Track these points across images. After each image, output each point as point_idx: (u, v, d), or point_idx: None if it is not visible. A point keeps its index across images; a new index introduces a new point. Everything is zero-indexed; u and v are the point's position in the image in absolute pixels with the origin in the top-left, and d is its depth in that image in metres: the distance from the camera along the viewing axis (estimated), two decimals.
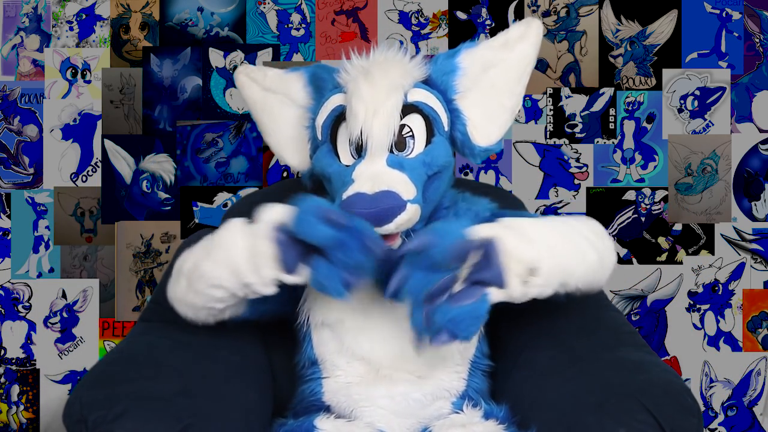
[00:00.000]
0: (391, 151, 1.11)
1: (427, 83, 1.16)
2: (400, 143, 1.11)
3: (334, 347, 1.16)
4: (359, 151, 1.10)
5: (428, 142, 1.13)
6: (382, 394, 1.13)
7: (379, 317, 1.14)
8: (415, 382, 1.14)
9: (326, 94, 1.18)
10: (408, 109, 1.12)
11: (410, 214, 1.06)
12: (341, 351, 1.16)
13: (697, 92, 2.02)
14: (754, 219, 2.03)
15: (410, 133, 1.12)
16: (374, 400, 1.13)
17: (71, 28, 2.05)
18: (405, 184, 1.07)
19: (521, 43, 1.19)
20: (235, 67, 2.02)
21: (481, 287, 0.98)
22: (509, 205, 1.39)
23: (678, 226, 2.03)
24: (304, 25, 2.04)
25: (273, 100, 1.29)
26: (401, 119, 1.10)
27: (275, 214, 1.00)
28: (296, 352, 1.22)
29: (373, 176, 1.06)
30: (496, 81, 1.18)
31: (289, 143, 1.29)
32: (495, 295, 0.99)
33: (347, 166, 1.11)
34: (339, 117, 1.13)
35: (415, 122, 1.12)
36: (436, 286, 0.97)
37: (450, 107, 1.17)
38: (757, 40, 2.02)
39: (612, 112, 2.02)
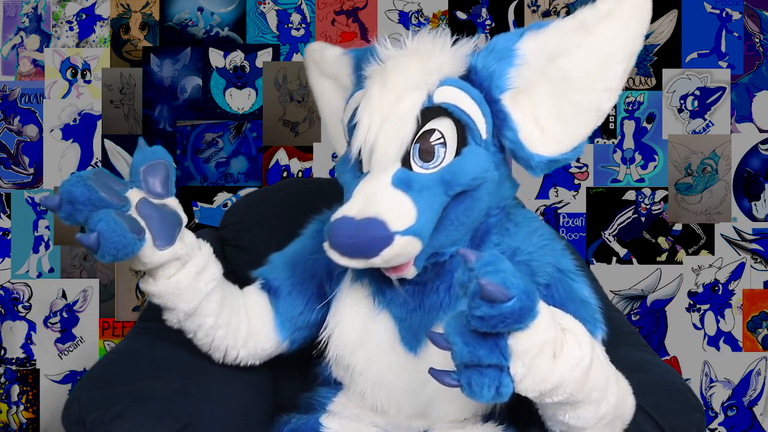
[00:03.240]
0: (408, 165, 0.94)
1: (470, 76, 0.97)
2: (426, 152, 0.94)
3: (352, 391, 1.09)
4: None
5: (457, 153, 0.94)
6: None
7: (398, 370, 1.05)
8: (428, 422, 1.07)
9: (353, 89, 1.04)
10: (435, 111, 0.94)
11: (399, 249, 0.89)
12: (358, 398, 1.09)
13: (697, 92, 2.02)
14: (754, 219, 2.02)
15: (441, 140, 0.94)
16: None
17: (71, 28, 2.05)
18: (400, 210, 0.90)
19: (606, 22, 0.93)
20: (235, 68, 2.02)
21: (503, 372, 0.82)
22: None
23: (678, 226, 2.03)
24: (304, 25, 2.04)
25: (326, 86, 1.18)
26: (427, 123, 0.94)
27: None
28: (311, 361, 1.17)
29: (367, 197, 0.91)
30: (568, 73, 0.94)
31: (338, 136, 1.15)
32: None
33: (358, 172, 0.98)
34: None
35: (446, 127, 0.94)
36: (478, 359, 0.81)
37: (495, 108, 0.96)
38: (757, 40, 2.02)
39: (612, 112, 2.02)
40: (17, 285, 2.06)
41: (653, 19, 2.01)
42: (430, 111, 0.94)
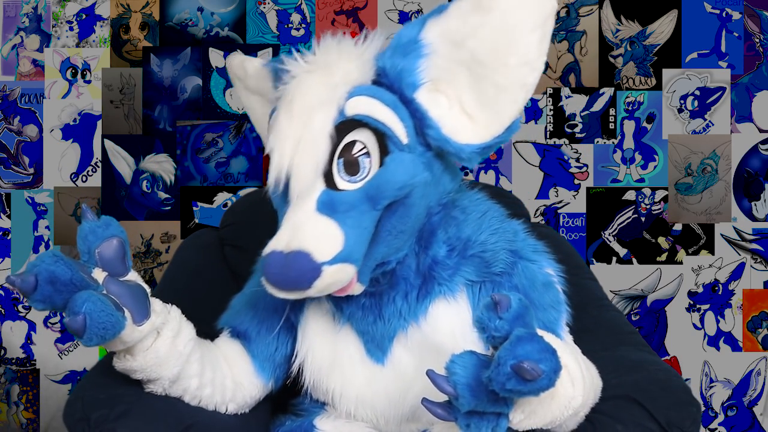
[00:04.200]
0: (332, 183, 0.90)
1: (380, 79, 0.92)
2: (351, 164, 0.89)
3: (338, 412, 1.08)
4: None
5: (381, 163, 0.90)
6: None
7: (375, 385, 1.04)
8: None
9: (271, 111, 0.99)
10: (350, 124, 0.90)
11: (330, 279, 0.87)
12: (345, 417, 1.07)
13: (697, 92, 2.02)
14: (754, 219, 2.02)
15: (364, 150, 0.90)
16: None
17: (71, 28, 2.05)
18: (325, 239, 0.87)
19: None
20: None
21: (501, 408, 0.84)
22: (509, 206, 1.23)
23: (678, 226, 2.03)
24: (304, 25, 2.04)
25: (253, 101, 1.15)
26: (344, 137, 0.89)
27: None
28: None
29: (293, 228, 0.88)
30: (478, 54, 0.88)
31: None
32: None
33: (281, 198, 0.94)
34: None
35: (366, 137, 0.90)
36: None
37: (411, 108, 0.92)
38: (757, 40, 2.02)
39: (612, 112, 2.02)
40: None
41: (653, 19, 2.02)
42: (345, 125, 0.89)
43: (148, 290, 0.93)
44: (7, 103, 2.05)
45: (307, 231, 0.87)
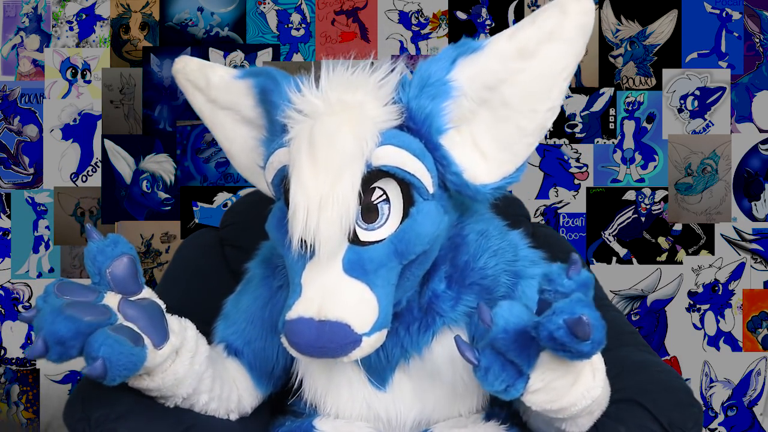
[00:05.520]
0: (355, 239, 0.86)
1: (405, 122, 0.89)
2: (369, 212, 0.86)
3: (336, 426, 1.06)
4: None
5: (405, 214, 0.87)
6: None
7: (376, 407, 1.03)
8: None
9: (270, 146, 0.94)
10: (377, 174, 0.86)
11: (369, 349, 0.86)
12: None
13: (697, 92, 2.02)
14: (754, 219, 2.02)
15: (383, 197, 0.87)
16: None
17: (71, 28, 2.05)
18: (363, 309, 0.84)
19: (548, 44, 0.85)
20: (235, 67, 2.02)
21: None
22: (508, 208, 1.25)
23: (678, 226, 2.03)
24: (304, 25, 2.04)
25: (222, 116, 1.06)
26: (369, 186, 0.86)
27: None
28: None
29: (322, 294, 0.84)
30: (510, 100, 0.87)
31: (256, 169, 1.04)
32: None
33: (301, 253, 0.86)
34: (287, 178, 0.89)
35: (389, 187, 0.87)
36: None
37: (437, 155, 0.89)
38: (757, 40, 2.02)
39: (612, 112, 2.02)
40: (17, 285, 2.06)
41: (653, 19, 2.02)
42: (371, 175, 0.86)
43: (164, 306, 0.90)
44: (7, 103, 2.05)
45: (342, 299, 0.84)
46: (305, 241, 0.84)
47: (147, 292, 0.89)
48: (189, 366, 0.92)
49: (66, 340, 0.79)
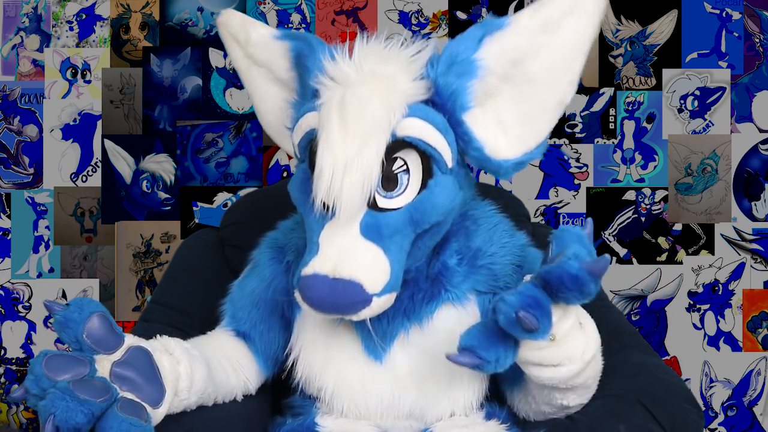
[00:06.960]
0: (373, 204, 0.89)
1: (432, 97, 0.92)
2: (389, 181, 0.90)
3: (330, 409, 1.07)
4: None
5: (423, 185, 0.91)
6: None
7: (370, 385, 1.03)
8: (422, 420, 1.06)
9: (300, 109, 0.96)
10: (399, 145, 0.89)
11: (378, 309, 0.89)
12: (337, 414, 1.06)
13: (697, 92, 2.02)
14: (754, 219, 2.03)
15: (404, 167, 0.90)
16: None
17: (71, 28, 2.05)
18: (376, 270, 0.88)
19: (571, 17, 0.89)
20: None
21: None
22: (509, 206, 1.29)
23: (678, 226, 2.03)
24: (304, 25, 2.04)
25: (257, 73, 1.09)
26: (392, 155, 0.89)
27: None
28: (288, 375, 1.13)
29: (338, 252, 0.87)
30: (534, 74, 0.90)
31: (281, 129, 1.09)
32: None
33: (322, 213, 0.90)
34: (314, 141, 0.91)
35: (410, 158, 0.90)
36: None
37: (459, 131, 0.92)
38: (757, 40, 2.02)
39: (612, 112, 2.02)
40: (17, 285, 2.06)
41: (653, 19, 2.02)
42: (395, 145, 0.89)
43: (149, 348, 0.89)
44: (7, 103, 2.05)
45: (357, 259, 0.88)
46: (326, 203, 0.88)
47: (130, 340, 0.89)
48: (187, 398, 0.94)
49: (82, 426, 0.79)
